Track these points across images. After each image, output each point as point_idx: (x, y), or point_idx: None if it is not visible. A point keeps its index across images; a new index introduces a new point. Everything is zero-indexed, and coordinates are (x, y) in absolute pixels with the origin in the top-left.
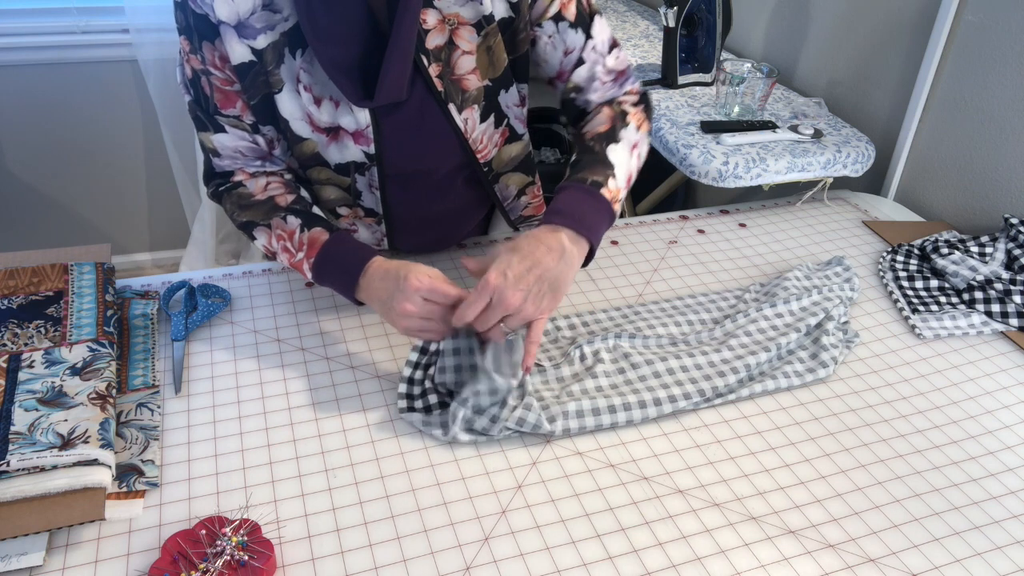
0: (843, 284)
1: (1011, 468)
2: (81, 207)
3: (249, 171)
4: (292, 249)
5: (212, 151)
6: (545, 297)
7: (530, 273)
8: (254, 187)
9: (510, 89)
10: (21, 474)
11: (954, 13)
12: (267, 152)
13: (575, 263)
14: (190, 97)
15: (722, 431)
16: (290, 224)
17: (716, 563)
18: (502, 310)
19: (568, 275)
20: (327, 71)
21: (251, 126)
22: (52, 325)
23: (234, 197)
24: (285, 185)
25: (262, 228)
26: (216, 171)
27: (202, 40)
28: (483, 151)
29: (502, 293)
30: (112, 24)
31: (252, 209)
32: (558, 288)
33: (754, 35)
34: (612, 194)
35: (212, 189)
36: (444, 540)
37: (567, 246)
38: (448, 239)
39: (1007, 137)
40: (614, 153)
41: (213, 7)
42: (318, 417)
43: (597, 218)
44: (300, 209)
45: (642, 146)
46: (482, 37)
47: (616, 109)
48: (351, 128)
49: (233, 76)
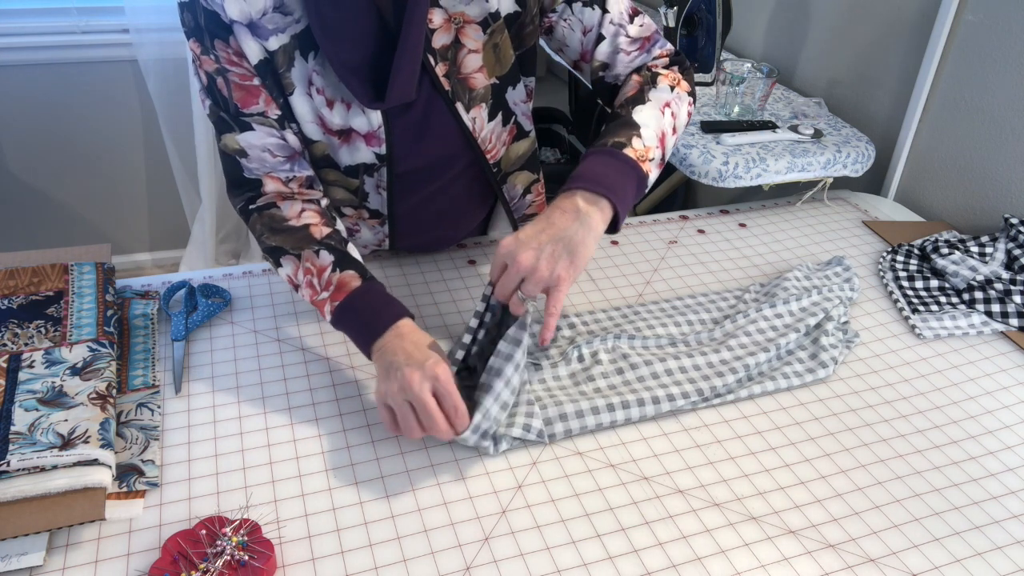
0: (843, 284)
1: (1011, 468)
2: (81, 207)
3: (280, 177)
4: (317, 287)
5: (239, 152)
6: (561, 259)
7: (543, 233)
8: (288, 211)
9: (517, 86)
10: (21, 474)
11: (954, 13)
12: (295, 151)
13: (594, 225)
14: (210, 102)
15: (722, 431)
16: (322, 260)
17: (716, 563)
18: (515, 272)
19: (586, 237)
20: (338, 73)
21: (277, 121)
22: (52, 325)
23: (265, 218)
24: (321, 215)
25: (291, 257)
26: (244, 177)
27: (214, 39)
28: (492, 151)
29: (513, 254)
30: (112, 24)
31: (284, 235)
32: (575, 251)
33: (754, 35)
34: (638, 153)
35: (241, 204)
36: (444, 540)
37: (582, 207)
38: (449, 239)
39: (1007, 137)
40: (640, 114)
41: (224, 7)
42: (318, 417)
43: (618, 178)
44: (335, 245)
45: (677, 105)
46: (488, 35)
47: (645, 75)
48: (363, 130)
49: (252, 70)
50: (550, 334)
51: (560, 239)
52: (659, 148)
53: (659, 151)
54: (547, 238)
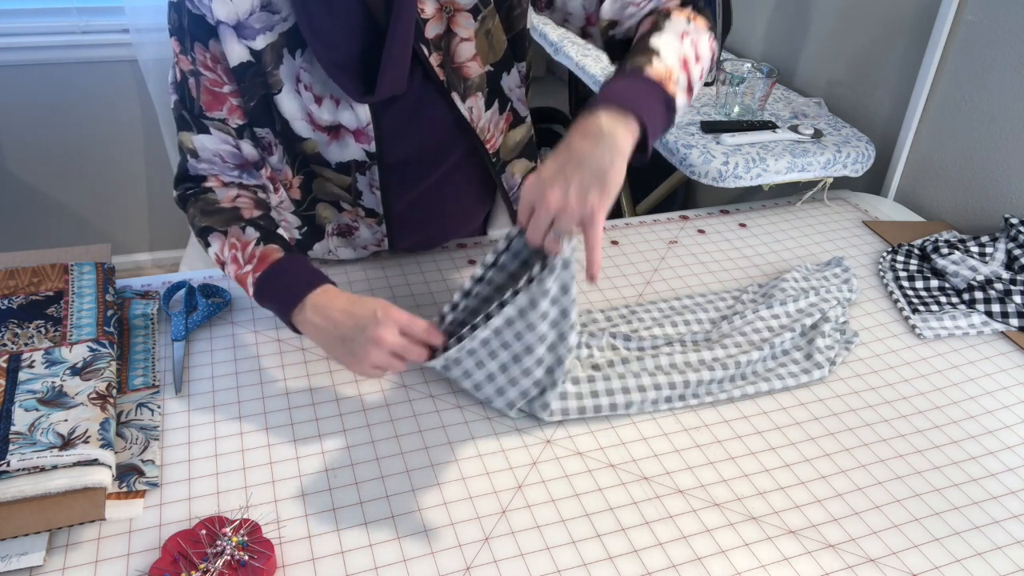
0: (841, 285)
1: (1011, 468)
2: (81, 207)
3: (223, 180)
4: (241, 260)
5: (191, 151)
6: (592, 188)
7: (567, 165)
8: (223, 196)
9: (511, 71)
10: (21, 474)
11: (954, 13)
12: (247, 161)
13: (621, 144)
14: (176, 98)
15: (722, 431)
16: (247, 235)
17: (716, 563)
18: (545, 213)
19: (615, 159)
20: (325, 68)
21: (236, 131)
22: (52, 325)
23: (200, 203)
24: (255, 201)
25: (218, 234)
26: (189, 173)
27: (194, 41)
28: (491, 140)
29: (539, 193)
30: (112, 24)
31: (214, 216)
32: (604, 176)
33: (754, 35)
34: (659, 73)
35: (180, 192)
36: (444, 540)
37: (605, 126)
38: (448, 237)
39: (1007, 137)
40: (657, 39)
41: (211, 8)
42: (318, 417)
43: (641, 95)
44: (263, 224)
45: (696, 35)
46: (479, 22)
47: (657, 15)
48: (352, 126)
49: (225, 77)
50: (598, 268)
51: (586, 166)
52: (683, 72)
53: (684, 76)
54: (572, 169)
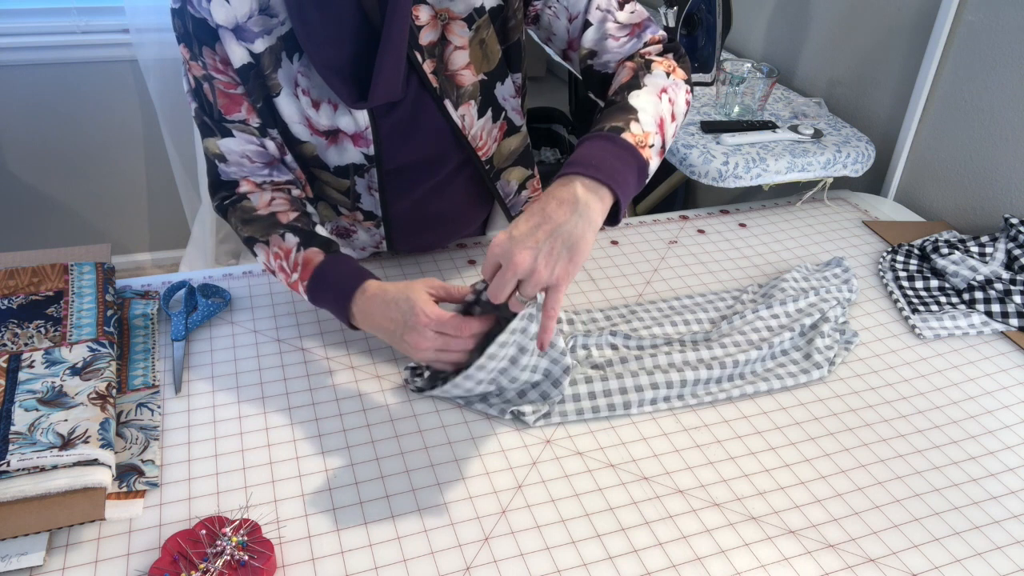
0: (841, 285)
1: (1011, 468)
2: (81, 207)
3: (256, 180)
4: (288, 269)
5: (218, 156)
6: (560, 257)
7: (539, 229)
8: (258, 201)
9: (505, 81)
10: (21, 474)
11: (954, 13)
12: (275, 158)
13: (593, 216)
14: (196, 105)
15: (722, 431)
16: (287, 242)
17: (716, 563)
18: (511, 273)
19: (586, 230)
20: (321, 73)
21: (258, 129)
22: (52, 325)
23: (238, 212)
24: (290, 202)
25: (261, 245)
26: (221, 179)
27: (202, 46)
28: (483, 148)
29: (508, 253)
30: (112, 24)
31: (253, 224)
32: (575, 247)
33: (754, 35)
34: (636, 138)
35: (217, 203)
36: (444, 540)
37: (580, 195)
38: (447, 240)
39: (1007, 137)
40: (636, 98)
41: (210, 12)
42: (318, 417)
43: (617, 164)
44: (301, 227)
45: (674, 91)
46: (474, 31)
47: (638, 61)
48: (350, 130)
49: (236, 78)
50: (549, 336)
51: (559, 234)
52: (659, 134)
53: (659, 138)
54: (544, 234)
